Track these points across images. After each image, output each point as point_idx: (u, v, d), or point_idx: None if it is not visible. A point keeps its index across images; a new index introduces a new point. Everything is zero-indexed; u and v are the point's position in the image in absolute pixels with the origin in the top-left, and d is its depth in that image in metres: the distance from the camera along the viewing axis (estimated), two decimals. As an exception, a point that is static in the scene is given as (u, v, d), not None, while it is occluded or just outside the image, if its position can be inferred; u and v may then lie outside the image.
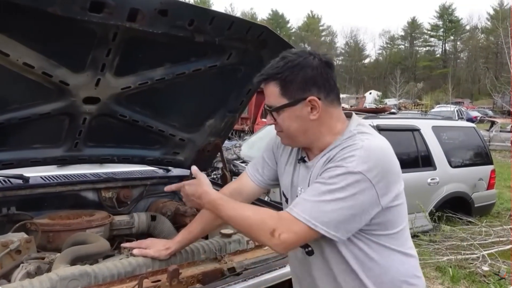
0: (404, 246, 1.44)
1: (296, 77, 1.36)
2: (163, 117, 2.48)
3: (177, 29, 1.88)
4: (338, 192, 1.26)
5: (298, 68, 1.36)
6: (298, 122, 1.39)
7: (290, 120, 1.39)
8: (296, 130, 1.41)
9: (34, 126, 2.11)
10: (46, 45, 1.77)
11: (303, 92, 1.36)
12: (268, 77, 1.39)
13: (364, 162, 1.27)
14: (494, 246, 5.25)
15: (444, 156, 6.00)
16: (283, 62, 1.37)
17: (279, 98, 1.38)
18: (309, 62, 1.36)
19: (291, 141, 1.49)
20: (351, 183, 1.25)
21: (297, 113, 1.38)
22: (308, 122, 1.39)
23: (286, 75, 1.36)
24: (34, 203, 2.38)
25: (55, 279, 1.48)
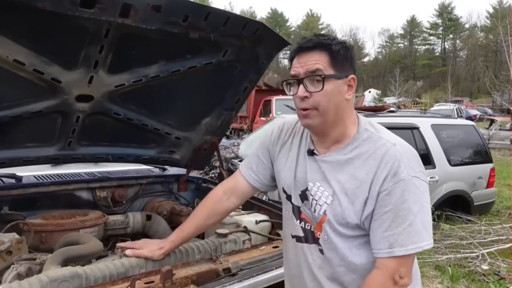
0: None
1: (346, 53, 1.36)
2: (159, 115, 2.44)
3: (171, 25, 1.85)
4: (414, 206, 1.27)
5: (346, 46, 1.37)
6: (337, 98, 1.35)
7: (333, 93, 1.33)
8: (334, 105, 1.35)
9: (26, 124, 2.07)
10: (37, 42, 1.73)
11: (349, 70, 1.36)
12: (319, 46, 1.34)
13: (411, 166, 1.29)
14: (494, 244, 5.22)
15: (443, 154, 5.96)
16: (332, 37, 1.36)
17: (328, 67, 1.33)
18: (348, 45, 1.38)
19: (321, 121, 1.36)
20: (415, 191, 1.27)
21: (339, 87, 1.34)
22: (343, 100, 1.37)
23: (338, 48, 1.34)
24: (27, 203, 2.34)
25: (45, 281, 1.44)
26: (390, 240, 1.27)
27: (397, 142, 1.35)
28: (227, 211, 1.78)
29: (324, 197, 1.38)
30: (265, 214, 2.49)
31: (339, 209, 1.34)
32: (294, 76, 1.36)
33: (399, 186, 1.27)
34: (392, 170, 1.28)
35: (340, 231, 1.35)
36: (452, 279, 4.38)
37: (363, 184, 1.32)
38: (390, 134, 1.41)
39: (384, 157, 1.30)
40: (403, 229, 1.26)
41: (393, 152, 1.31)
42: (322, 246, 1.41)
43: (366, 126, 1.41)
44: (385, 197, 1.28)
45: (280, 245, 2.07)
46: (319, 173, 1.42)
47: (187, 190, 3.05)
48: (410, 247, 1.26)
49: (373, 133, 1.39)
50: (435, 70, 75.69)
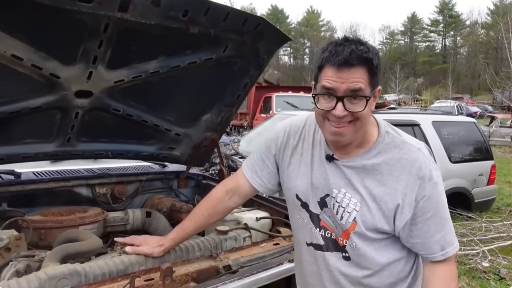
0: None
1: (379, 66, 1.27)
2: (158, 111, 2.43)
3: (170, 20, 1.83)
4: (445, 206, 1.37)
5: (379, 56, 1.28)
6: (369, 112, 1.28)
7: (369, 109, 1.27)
8: (367, 120, 1.31)
9: (25, 120, 2.06)
10: (35, 37, 1.71)
11: (378, 82, 1.29)
12: (362, 61, 1.21)
13: (436, 169, 1.33)
14: (494, 242, 5.22)
15: (444, 151, 5.94)
16: (367, 47, 1.23)
17: (367, 85, 1.23)
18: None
19: (351, 136, 1.29)
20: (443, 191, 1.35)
21: (372, 104, 1.28)
22: (369, 114, 1.31)
23: (377, 63, 1.24)
24: (26, 199, 2.32)
25: (44, 278, 1.43)
26: (441, 242, 1.32)
27: (421, 146, 1.36)
28: (229, 210, 1.75)
29: (352, 204, 1.34)
30: (266, 211, 2.48)
31: (369, 216, 1.32)
32: (331, 90, 1.23)
33: (435, 190, 1.31)
34: (426, 176, 1.29)
35: (370, 237, 1.34)
36: (452, 276, 4.37)
37: (393, 191, 1.30)
38: (410, 137, 1.41)
39: (415, 164, 1.30)
40: (447, 230, 1.34)
41: (422, 158, 1.31)
42: (349, 253, 1.38)
43: (386, 129, 1.38)
44: (426, 204, 1.30)
45: (281, 243, 2.06)
46: (343, 179, 1.36)
47: (187, 187, 3.04)
48: (456, 243, 1.35)
49: (395, 136, 1.37)
50: (435, 67, 75.56)
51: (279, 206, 2.45)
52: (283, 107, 11.48)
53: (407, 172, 1.29)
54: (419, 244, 1.33)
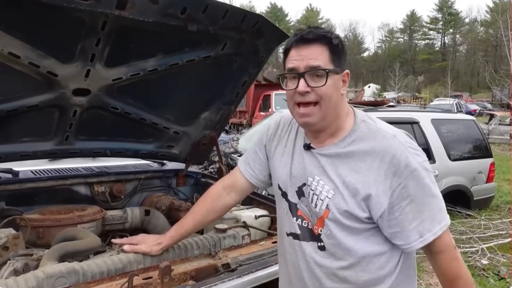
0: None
1: (343, 48, 1.34)
2: (157, 109, 2.42)
3: (169, 18, 1.82)
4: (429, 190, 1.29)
5: (342, 40, 1.35)
6: (335, 93, 1.33)
7: (333, 88, 1.31)
8: (334, 101, 1.33)
9: (23, 118, 2.05)
10: (33, 35, 1.71)
11: (343, 64, 1.34)
12: (320, 39, 1.30)
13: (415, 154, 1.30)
14: (493, 239, 5.22)
15: (443, 149, 5.94)
16: (330, 31, 1.34)
17: (328, 62, 1.30)
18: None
19: (322, 117, 1.33)
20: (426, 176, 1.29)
21: (335, 83, 1.32)
22: (339, 96, 1.35)
23: (337, 42, 1.32)
24: (24, 198, 2.32)
25: (42, 277, 1.43)
26: (419, 229, 1.29)
27: (396, 133, 1.34)
28: (227, 207, 1.75)
29: (325, 191, 1.35)
30: (265, 209, 2.47)
31: (343, 203, 1.31)
32: (293, 70, 1.31)
33: (413, 177, 1.26)
34: (401, 163, 1.26)
35: (346, 224, 1.32)
36: (451, 273, 4.37)
37: (365, 179, 1.29)
38: (388, 125, 1.39)
39: (389, 151, 1.28)
40: (426, 216, 1.28)
41: (396, 145, 1.29)
42: (325, 242, 1.37)
43: (363, 118, 1.39)
44: (402, 191, 1.27)
45: (279, 241, 2.05)
46: (318, 167, 1.38)
47: (186, 185, 3.04)
48: (436, 229, 1.29)
49: (370, 124, 1.37)
50: (434, 65, 75.53)
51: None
52: (282, 105, 11.46)
53: (379, 160, 1.28)
54: (398, 233, 1.30)
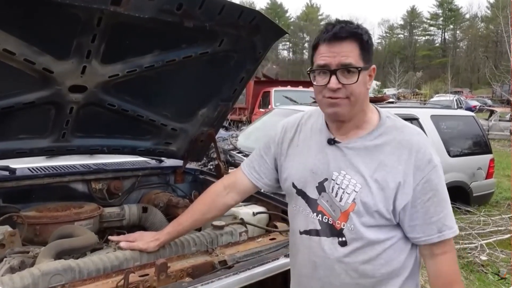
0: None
1: (372, 43, 1.37)
2: (154, 106, 2.41)
3: (165, 14, 1.81)
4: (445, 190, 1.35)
5: (370, 36, 1.36)
6: (364, 88, 1.35)
7: (362, 84, 1.34)
8: (362, 96, 1.36)
9: (19, 115, 2.04)
10: (27, 31, 1.69)
11: (371, 59, 1.36)
12: (352, 36, 1.31)
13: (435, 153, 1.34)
14: (493, 235, 5.23)
15: (442, 145, 5.93)
16: (358, 26, 1.34)
17: (359, 59, 1.32)
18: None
19: (351, 110, 1.35)
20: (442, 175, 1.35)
21: (364, 78, 1.34)
22: (366, 90, 1.37)
23: (367, 39, 1.34)
24: (21, 195, 2.31)
25: (37, 275, 1.42)
26: (438, 225, 1.32)
27: (418, 131, 1.40)
28: (226, 206, 1.74)
29: (352, 184, 1.35)
30: (263, 206, 2.47)
31: (370, 196, 1.32)
32: (325, 66, 1.31)
33: (435, 172, 1.31)
34: (425, 158, 1.31)
35: (370, 218, 1.33)
36: (450, 270, 4.37)
37: (394, 170, 1.31)
38: (410, 124, 1.44)
39: (415, 145, 1.33)
40: (446, 213, 1.34)
41: (423, 141, 1.35)
42: (347, 236, 1.36)
43: (387, 115, 1.44)
44: (425, 185, 1.31)
45: (277, 237, 2.05)
46: (344, 161, 1.38)
47: (184, 182, 3.03)
48: (455, 228, 1.35)
49: (396, 120, 1.42)
50: (435, 61, 75.45)
51: (276, 201, 2.44)
52: (282, 101, 11.42)
53: (407, 152, 1.32)
54: (418, 227, 1.33)
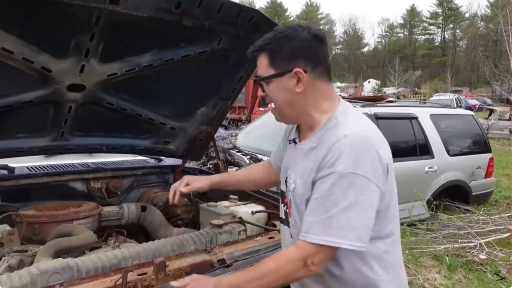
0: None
1: (284, 48, 1.35)
2: (153, 105, 2.41)
3: (163, 13, 1.81)
4: (341, 201, 1.23)
5: (287, 39, 1.35)
6: (285, 94, 1.37)
7: (277, 91, 1.38)
8: (283, 103, 1.39)
9: (17, 114, 2.04)
10: (26, 30, 1.70)
11: (290, 64, 1.35)
12: (258, 49, 1.38)
13: (353, 162, 1.23)
14: (492, 234, 5.22)
15: (442, 144, 5.93)
16: (273, 34, 1.37)
17: (267, 68, 1.37)
18: (298, 34, 1.35)
19: (281, 116, 1.45)
20: (348, 186, 1.23)
21: (283, 84, 1.36)
22: (294, 95, 1.37)
23: (274, 46, 1.36)
24: (19, 194, 2.31)
25: (35, 273, 1.42)
26: (307, 225, 1.28)
27: (352, 134, 1.28)
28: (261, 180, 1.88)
29: (292, 183, 1.43)
30: (262, 205, 2.46)
31: (298, 197, 1.38)
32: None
33: (331, 178, 1.25)
34: (331, 161, 1.26)
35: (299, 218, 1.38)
36: (449, 268, 4.38)
37: (309, 170, 1.33)
38: (358, 124, 1.36)
39: (331, 147, 1.28)
40: (323, 220, 1.25)
41: (340, 143, 1.26)
42: (291, 229, 1.45)
43: (337, 115, 1.37)
44: (319, 185, 1.28)
45: (276, 236, 2.05)
46: (293, 161, 1.47)
47: (183, 181, 3.02)
48: (323, 238, 1.24)
49: (339, 121, 1.35)
50: (434, 60, 75.46)
51: (275, 200, 2.44)
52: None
53: (323, 155, 1.29)
54: (303, 221, 1.32)
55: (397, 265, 1.45)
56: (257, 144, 5.80)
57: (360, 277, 1.36)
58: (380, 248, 1.37)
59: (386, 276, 1.38)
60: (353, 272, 1.35)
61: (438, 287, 4.03)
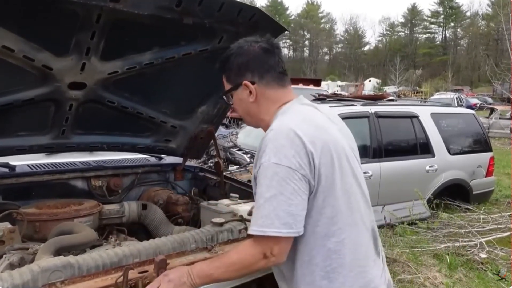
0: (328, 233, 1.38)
1: (232, 65, 1.52)
2: (154, 103, 2.41)
3: (164, 11, 1.81)
4: (266, 192, 1.30)
5: (233, 56, 1.52)
6: (242, 105, 1.56)
7: (236, 103, 1.57)
8: (242, 112, 1.58)
9: (18, 112, 2.04)
10: (27, 28, 1.70)
11: (239, 77, 1.51)
12: (219, 70, 1.58)
13: (274, 153, 1.31)
14: (492, 233, 5.22)
15: (442, 143, 5.93)
16: (225, 54, 1.55)
17: (226, 84, 1.57)
18: (244, 49, 1.51)
19: (246, 122, 1.65)
20: (271, 176, 1.29)
21: (239, 96, 1.54)
22: (249, 104, 1.53)
23: (226, 65, 1.54)
24: (20, 192, 2.31)
25: (37, 271, 1.42)
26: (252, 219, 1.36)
27: (276, 128, 1.37)
28: None
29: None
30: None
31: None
32: None
33: (260, 171, 1.33)
34: (259, 154, 1.36)
35: None
36: (450, 267, 4.38)
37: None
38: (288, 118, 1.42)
39: (261, 143, 1.38)
40: (254, 212, 1.35)
41: (265, 138, 1.36)
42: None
43: (278, 115, 1.48)
44: (257, 179, 1.36)
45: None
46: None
47: (184, 179, 3.03)
48: (254, 228, 1.32)
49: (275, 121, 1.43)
50: (435, 59, 75.25)
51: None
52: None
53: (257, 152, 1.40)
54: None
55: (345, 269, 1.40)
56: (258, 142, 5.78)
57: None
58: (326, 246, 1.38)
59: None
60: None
61: (439, 285, 4.03)
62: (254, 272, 1.43)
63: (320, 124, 1.44)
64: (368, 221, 1.49)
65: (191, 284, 1.41)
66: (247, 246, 1.39)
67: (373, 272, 1.46)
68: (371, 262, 1.47)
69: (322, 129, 1.42)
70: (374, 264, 1.48)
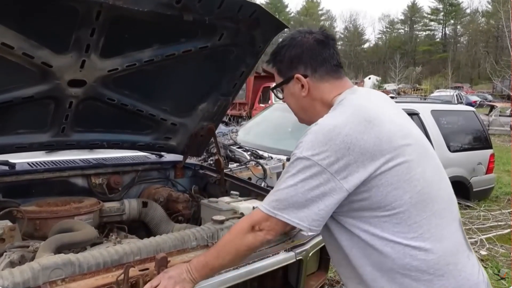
0: (408, 235, 1.27)
1: (284, 57, 1.47)
2: (154, 101, 2.40)
3: (164, 7, 1.80)
4: (290, 179, 1.29)
5: (286, 48, 1.47)
6: (294, 99, 1.50)
7: (288, 97, 1.52)
8: (295, 107, 1.53)
9: (18, 110, 2.03)
10: (26, 25, 1.68)
11: (291, 70, 1.46)
12: (269, 61, 1.53)
13: (311, 147, 1.27)
14: (492, 230, 5.24)
15: (443, 140, 5.93)
16: (277, 46, 1.50)
17: (278, 78, 1.52)
18: (297, 41, 1.45)
19: (299, 119, 1.57)
20: (300, 169, 1.27)
21: (291, 90, 1.49)
22: (302, 99, 1.47)
23: (277, 57, 1.49)
24: (20, 190, 2.30)
25: (37, 269, 1.41)
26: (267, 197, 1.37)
27: (322, 123, 1.31)
28: None
29: None
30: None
31: None
32: None
33: (291, 159, 1.32)
34: (297, 144, 1.33)
35: None
36: (450, 264, 4.37)
37: None
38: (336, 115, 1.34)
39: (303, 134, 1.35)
40: (272, 192, 1.34)
41: (309, 130, 1.32)
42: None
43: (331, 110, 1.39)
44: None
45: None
46: None
47: (184, 177, 3.02)
48: (265, 206, 1.32)
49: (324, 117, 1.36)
50: (435, 56, 75.16)
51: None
52: (282, 97, 11.37)
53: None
54: None
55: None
56: (258, 140, 5.80)
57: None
58: (408, 253, 1.27)
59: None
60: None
61: (439, 283, 4.02)
62: (244, 253, 1.41)
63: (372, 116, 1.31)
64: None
65: (191, 280, 1.43)
66: (238, 222, 1.43)
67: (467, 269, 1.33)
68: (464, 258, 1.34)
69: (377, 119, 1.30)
70: (469, 261, 1.35)
